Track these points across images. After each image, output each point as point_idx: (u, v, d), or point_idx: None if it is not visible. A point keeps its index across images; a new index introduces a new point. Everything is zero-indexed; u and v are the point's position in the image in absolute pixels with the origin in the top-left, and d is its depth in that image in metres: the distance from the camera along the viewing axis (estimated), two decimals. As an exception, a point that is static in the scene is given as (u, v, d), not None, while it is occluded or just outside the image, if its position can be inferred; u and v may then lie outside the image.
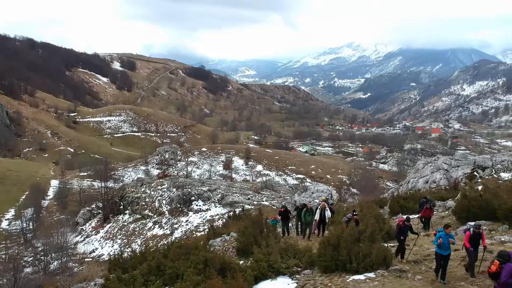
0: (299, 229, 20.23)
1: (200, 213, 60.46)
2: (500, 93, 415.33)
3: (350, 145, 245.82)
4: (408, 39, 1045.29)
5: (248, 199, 62.10)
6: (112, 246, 59.99)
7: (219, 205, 61.17)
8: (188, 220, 59.64)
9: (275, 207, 61.30)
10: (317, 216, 18.80)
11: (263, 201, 61.90)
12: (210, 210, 60.75)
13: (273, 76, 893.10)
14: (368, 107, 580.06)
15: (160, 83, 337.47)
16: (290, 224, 20.56)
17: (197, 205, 62.36)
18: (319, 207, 19.09)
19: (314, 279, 12.34)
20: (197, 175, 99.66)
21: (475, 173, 36.16)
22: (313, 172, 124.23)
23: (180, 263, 15.76)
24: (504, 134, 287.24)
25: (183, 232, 56.05)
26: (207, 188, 65.77)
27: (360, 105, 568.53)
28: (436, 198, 23.11)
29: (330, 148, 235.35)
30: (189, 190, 64.65)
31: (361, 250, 12.15)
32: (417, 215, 20.93)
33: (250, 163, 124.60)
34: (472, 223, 10.99)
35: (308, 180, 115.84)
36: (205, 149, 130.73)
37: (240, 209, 58.15)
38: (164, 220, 61.12)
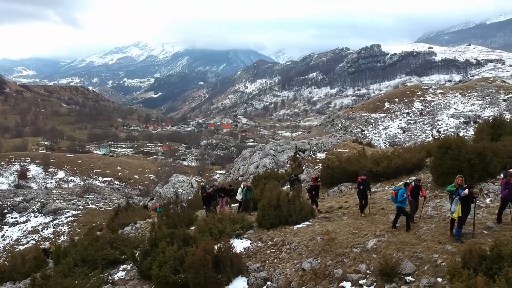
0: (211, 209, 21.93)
1: (18, 225, 55.07)
2: (277, 90, 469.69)
3: (149, 144, 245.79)
4: (193, 39, 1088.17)
5: (73, 204, 59.08)
6: None
7: (40, 215, 56.64)
8: (4, 235, 53.75)
9: (103, 209, 59.98)
10: (239, 196, 21.21)
11: (89, 205, 59.76)
12: (30, 221, 55.82)
13: (56, 76, 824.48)
14: (160, 106, 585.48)
15: None
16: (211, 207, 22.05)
17: (12, 218, 56.54)
18: (240, 188, 21.50)
19: (265, 234, 14.96)
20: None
21: (297, 155, 42.91)
22: (120, 173, 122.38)
23: (109, 252, 16.49)
24: (283, 126, 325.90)
25: (2, 248, 50.67)
26: (22, 198, 60.10)
27: (152, 105, 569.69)
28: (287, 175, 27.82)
29: (129, 149, 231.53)
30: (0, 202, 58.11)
31: (296, 206, 15.34)
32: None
33: (50, 170, 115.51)
34: (414, 178, 14.50)
35: (116, 182, 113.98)
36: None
37: (68, 214, 55.39)
38: (-28, 239, 53.79)
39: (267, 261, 12.93)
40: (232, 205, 23.69)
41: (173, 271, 12.47)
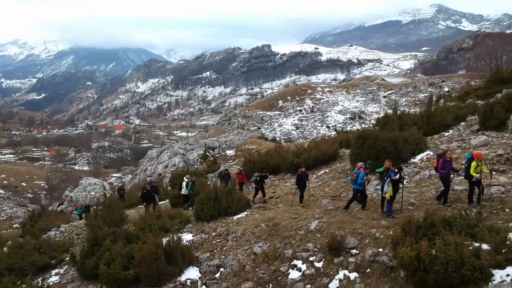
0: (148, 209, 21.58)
1: None
2: (171, 89, 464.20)
3: (34, 149, 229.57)
4: (77, 38, 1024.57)
5: (-43, 216, 53.67)
6: None
7: None
8: None
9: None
10: (184, 191, 21.10)
11: (-23, 216, 54.75)
12: None
13: None
14: (44, 108, 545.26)
15: None
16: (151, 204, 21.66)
17: None
18: (184, 183, 21.32)
19: (206, 226, 15.43)
20: None
21: (207, 153, 43.57)
22: (5, 181, 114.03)
23: (38, 257, 15.86)
24: (179, 126, 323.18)
25: None
26: None
27: (35, 107, 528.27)
28: (207, 172, 28.38)
29: (12, 155, 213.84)
30: None
31: (234, 198, 16.05)
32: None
33: None
34: (361, 163, 15.44)
35: (1, 191, 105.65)
36: None
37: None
38: None
39: (215, 250, 13.54)
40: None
41: (122, 268, 12.55)
